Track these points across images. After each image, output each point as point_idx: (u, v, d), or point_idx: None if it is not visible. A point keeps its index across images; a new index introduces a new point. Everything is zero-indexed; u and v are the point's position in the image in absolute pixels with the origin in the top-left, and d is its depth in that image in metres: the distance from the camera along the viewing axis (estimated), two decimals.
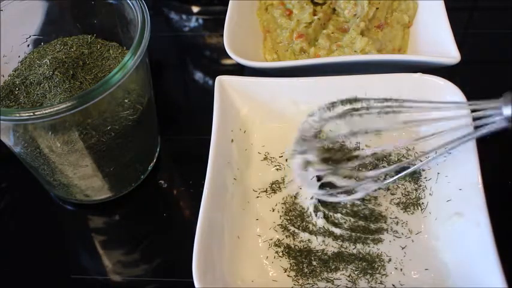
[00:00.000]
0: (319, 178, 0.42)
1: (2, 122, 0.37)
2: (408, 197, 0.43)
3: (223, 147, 0.44)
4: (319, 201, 0.43)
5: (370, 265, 0.40)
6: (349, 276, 0.39)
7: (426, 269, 0.39)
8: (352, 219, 0.42)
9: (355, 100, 0.40)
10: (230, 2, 0.54)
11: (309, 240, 0.42)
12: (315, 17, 0.54)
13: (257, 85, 0.47)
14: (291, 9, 0.56)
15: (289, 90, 0.47)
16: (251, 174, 0.46)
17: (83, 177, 0.45)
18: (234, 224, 0.42)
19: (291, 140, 0.43)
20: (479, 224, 0.37)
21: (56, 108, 0.36)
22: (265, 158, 0.47)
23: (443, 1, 0.52)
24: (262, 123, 0.48)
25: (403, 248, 0.41)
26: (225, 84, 0.47)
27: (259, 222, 0.43)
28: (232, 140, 0.46)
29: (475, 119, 0.37)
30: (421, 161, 0.42)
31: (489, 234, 0.36)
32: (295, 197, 0.44)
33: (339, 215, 0.42)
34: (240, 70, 0.54)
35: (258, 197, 0.45)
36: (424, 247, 0.40)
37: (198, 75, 0.62)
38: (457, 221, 0.39)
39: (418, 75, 0.44)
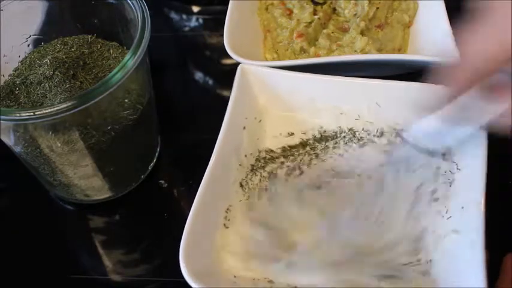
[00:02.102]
0: None
1: (2, 121, 0.37)
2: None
3: (233, 133, 0.44)
4: None
5: None
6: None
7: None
8: None
9: None
10: (230, 2, 0.54)
11: None
12: (315, 17, 0.54)
13: (279, 77, 0.47)
14: (291, 9, 0.56)
15: (309, 86, 0.47)
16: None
17: (83, 177, 0.45)
18: (230, 207, 0.42)
19: (305, 133, 0.46)
20: (473, 244, 0.36)
21: (56, 108, 0.36)
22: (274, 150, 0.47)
23: (443, 1, 0.52)
24: (279, 114, 0.48)
25: None
26: (246, 72, 0.47)
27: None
28: (244, 127, 0.46)
29: None
30: None
31: (481, 255, 0.35)
32: None
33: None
34: None
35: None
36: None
37: (198, 75, 0.62)
38: (453, 239, 0.39)
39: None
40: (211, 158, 0.42)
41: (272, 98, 0.48)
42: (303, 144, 0.47)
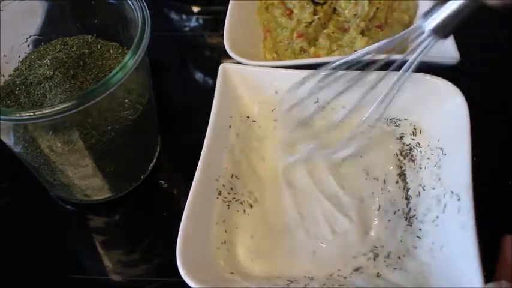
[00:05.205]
0: None
1: (2, 122, 0.37)
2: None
3: (220, 132, 0.44)
4: None
5: None
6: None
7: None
8: None
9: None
10: (230, 2, 0.54)
11: None
12: (315, 17, 0.54)
13: (261, 74, 0.47)
14: (292, 9, 0.56)
15: (293, 81, 0.47)
16: (247, 161, 0.46)
17: (83, 177, 0.45)
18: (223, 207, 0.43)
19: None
20: (465, 226, 0.36)
21: (56, 108, 0.36)
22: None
23: None
24: (263, 112, 0.48)
25: None
26: (228, 72, 0.47)
27: None
28: (230, 126, 0.46)
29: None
30: None
31: (473, 236, 0.35)
32: None
33: None
34: None
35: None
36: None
37: (198, 75, 0.62)
38: (444, 222, 0.39)
39: (421, 75, 0.44)
40: (201, 157, 0.42)
41: (256, 95, 0.48)
42: None
